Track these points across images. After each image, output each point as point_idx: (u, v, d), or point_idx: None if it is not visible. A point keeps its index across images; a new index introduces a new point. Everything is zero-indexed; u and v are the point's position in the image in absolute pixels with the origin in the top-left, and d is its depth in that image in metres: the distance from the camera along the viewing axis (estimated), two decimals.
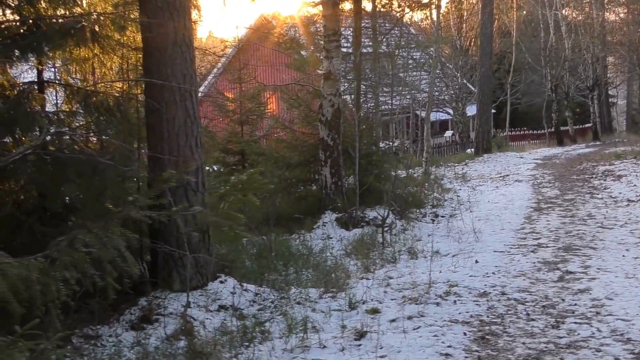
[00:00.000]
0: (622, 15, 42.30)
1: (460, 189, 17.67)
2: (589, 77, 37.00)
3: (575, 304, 7.15)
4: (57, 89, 8.85)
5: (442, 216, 14.06)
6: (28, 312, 4.79)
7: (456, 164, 25.01)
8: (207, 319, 7.29)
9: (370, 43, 17.28)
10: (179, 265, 7.80)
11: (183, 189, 7.83)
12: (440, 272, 8.68)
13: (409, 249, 10.53)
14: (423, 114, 28.69)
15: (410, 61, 22.70)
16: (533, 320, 6.69)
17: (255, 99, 16.43)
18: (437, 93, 33.53)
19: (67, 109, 8.74)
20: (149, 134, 8.04)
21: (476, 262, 9.31)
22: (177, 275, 7.82)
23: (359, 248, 10.76)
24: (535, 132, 42.43)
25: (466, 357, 5.77)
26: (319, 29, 18.87)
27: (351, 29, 16.53)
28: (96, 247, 5.61)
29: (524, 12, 40.08)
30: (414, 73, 28.02)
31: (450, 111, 36.24)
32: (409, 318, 6.83)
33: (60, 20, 7.82)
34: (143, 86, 8.36)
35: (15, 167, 6.74)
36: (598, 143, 34.77)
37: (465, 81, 36.08)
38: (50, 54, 8.10)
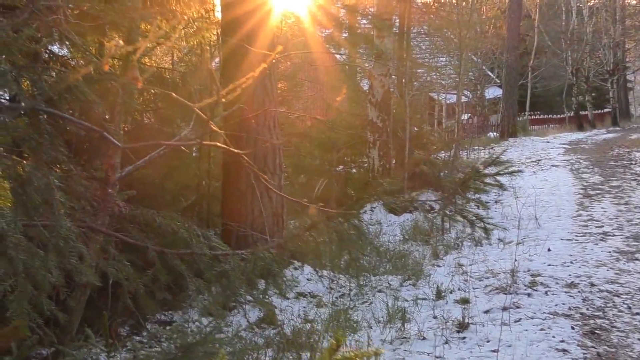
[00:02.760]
0: None
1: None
2: (609, 62, 36.58)
3: None
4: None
5: (487, 202, 13.79)
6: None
7: (482, 148, 24.65)
8: (287, 306, 7.04)
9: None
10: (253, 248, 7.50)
11: (261, 171, 7.54)
12: (516, 260, 8.38)
13: (469, 235, 10.26)
14: (440, 97, 28.41)
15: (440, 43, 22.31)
16: (639, 314, 6.40)
17: (292, 78, 16.02)
18: (455, 75, 33.15)
19: None
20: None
21: (549, 250, 9.02)
22: None
23: (416, 234, 10.51)
24: (555, 116, 42.01)
25: (585, 353, 5.46)
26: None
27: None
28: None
29: None
30: (441, 57, 27.58)
31: (469, 94, 35.80)
32: (504, 309, 6.53)
33: None
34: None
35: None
36: (618, 128, 34.40)
37: (484, 67, 35.57)
38: None
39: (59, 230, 3.33)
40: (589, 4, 36.68)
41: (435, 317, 6.55)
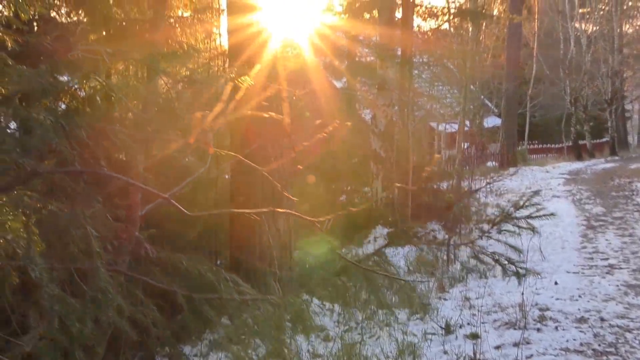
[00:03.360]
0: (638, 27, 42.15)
1: (498, 204, 17.33)
2: (608, 91, 36.73)
3: None
4: None
5: (489, 232, 13.72)
6: None
7: (482, 178, 24.62)
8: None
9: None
10: (261, 282, 7.43)
11: (270, 199, 7.49)
12: (523, 293, 8.31)
13: (473, 266, 10.19)
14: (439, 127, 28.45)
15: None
16: None
17: (295, 107, 16.00)
18: (455, 104, 33.23)
19: None
20: (234, 136, 7.74)
21: (556, 283, 8.96)
22: (259, 291, 7.46)
23: (421, 265, 10.46)
24: (553, 145, 41.99)
25: None
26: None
27: None
28: None
29: (544, 23, 39.54)
30: (441, 87, 27.69)
31: (468, 123, 35.82)
32: (515, 345, 6.47)
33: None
34: None
35: None
36: (617, 158, 34.53)
37: (482, 96, 35.67)
38: None
39: (98, 282, 3.29)
40: (587, 33, 36.90)
41: (445, 352, 6.47)
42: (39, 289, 3.11)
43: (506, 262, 8.99)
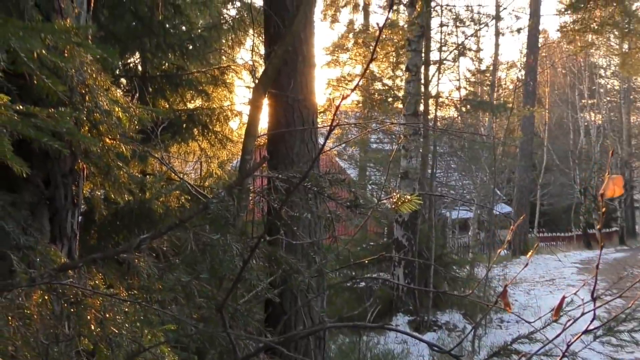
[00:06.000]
0: None
1: (514, 293, 17.38)
2: None
3: None
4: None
5: (508, 321, 13.74)
6: None
7: (494, 266, 24.62)
8: None
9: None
10: None
11: (303, 293, 7.57)
12: None
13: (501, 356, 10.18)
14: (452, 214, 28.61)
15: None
16: None
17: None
18: (463, 191, 33.50)
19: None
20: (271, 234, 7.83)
21: None
22: None
23: (444, 353, 10.46)
24: (562, 234, 42.05)
25: None
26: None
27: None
28: None
29: (554, 114, 40.21)
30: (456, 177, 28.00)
31: (478, 212, 36.04)
32: None
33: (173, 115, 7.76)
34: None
35: None
36: (626, 247, 34.51)
37: (492, 185, 35.91)
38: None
39: None
40: (595, 123, 37.46)
41: None
42: None
43: None
